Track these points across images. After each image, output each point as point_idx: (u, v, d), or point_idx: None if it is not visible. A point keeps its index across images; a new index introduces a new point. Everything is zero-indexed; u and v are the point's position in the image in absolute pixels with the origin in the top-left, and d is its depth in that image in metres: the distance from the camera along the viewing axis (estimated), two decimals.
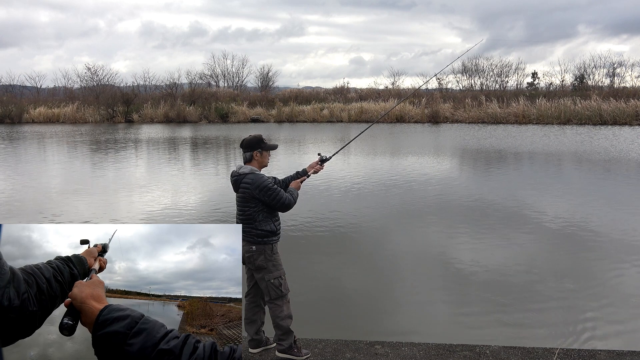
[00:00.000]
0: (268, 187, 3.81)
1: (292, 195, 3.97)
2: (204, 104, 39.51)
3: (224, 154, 19.94)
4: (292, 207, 3.95)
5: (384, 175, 13.32)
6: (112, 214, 9.58)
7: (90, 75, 49.97)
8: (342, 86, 46.01)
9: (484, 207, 9.74)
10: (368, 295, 5.80)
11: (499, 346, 4.18)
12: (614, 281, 6.14)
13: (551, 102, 32.43)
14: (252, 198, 3.83)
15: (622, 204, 10.10)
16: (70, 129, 32.13)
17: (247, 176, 3.87)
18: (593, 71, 45.08)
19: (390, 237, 8.06)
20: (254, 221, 3.84)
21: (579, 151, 18.14)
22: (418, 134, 26.56)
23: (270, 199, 3.81)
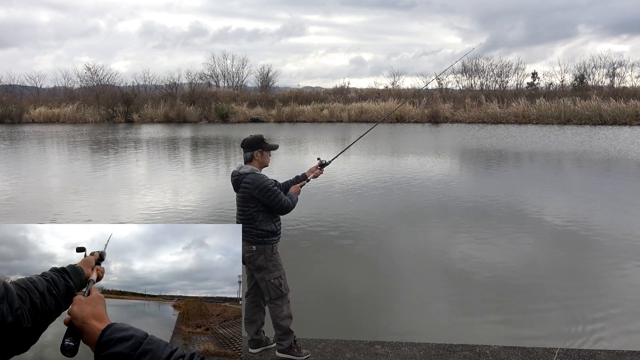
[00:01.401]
0: (268, 187, 3.80)
1: (292, 199, 3.96)
2: (204, 104, 39.50)
3: (224, 154, 19.94)
4: (291, 210, 3.94)
5: (384, 175, 13.32)
6: (112, 214, 9.58)
7: (90, 75, 49.98)
8: (342, 86, 46.01)
9: (484, 207, 9.73)
10: (368, 295, 5.79)
11: (499, 346, 4.18)
12: (614, 281, 6.13)
13: (551, 102, 32.43)
14: (252, 198, 3.82)
15: (622, 204, 10.09)
16: (70, 129, 32.14)
17: (248, 176, 3.86)
18: (593, 71, 45.12)
19: (391, 237, 8.05)
20: (254, 221, 3.84)
21: (578, 151, 18.14)
22: (418, 134, 26.56)
23: (269, 200, 3.80)
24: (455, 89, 46.69)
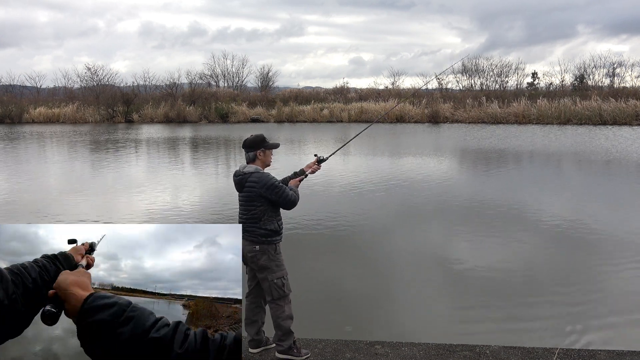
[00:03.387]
0: (275, 184, 3.82)
1: (296, 192, 3.99)
2: (204, 104, 39.48)
3: (224, 154, 19.94)
4: (296, 204, 3.97)
5: (384, 175, 13.33)
6: (111, 214, 9.58)
7: (90, 75, 49.95)
8: (342, 86, 46.03)
9: (484, 207, 9.75)
10: (368, 295, 5.80)
11: (499, 346, 4.19)
12: (614, 281, 6.15)
13: (551, 102, 32.42)
14: (259, 197, 3.83)
15: (622, 203, 10.10)
16: (70, 129, 32.12)
17: (253, 175, 3.87)
18: (593, 71, 45.14)
19: (391, 237, 8.07)
20: (259, 220, 3.84)
21: (579, 151, 18.15)
22: (418, 134, 26.56)
23: (277, 197, 3.82)
24: (455, 89, 46.72)
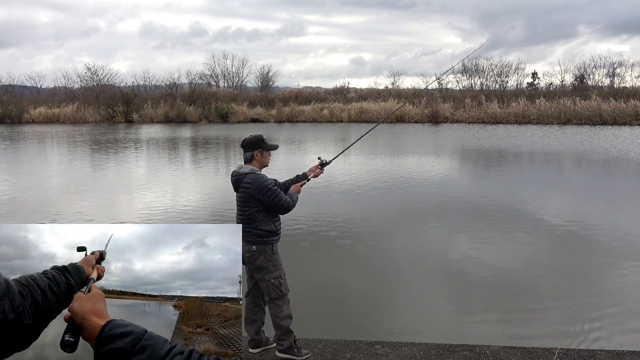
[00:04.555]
0: (268, 187, 3.80)
1: (292, 198, 3.96)
2: (204, 104, 39.49)
3: (224, 154, 19.94)
4: (291, 210, 3.94)
5: (384, 175, 13.32)
6: (112, 214, 9.58)
7: (90, 75, 49.93)
8: (342, 86, 45.98)
9: (484, 207, 9.73)
10: (368, 295, 5.79)
11: (499, 346, 4.18)
12: (614, 281, 6.14)
13: (551, 102, 32.43)
14: (252, 198, 3.82)
15: (622, 203, 10.09)
16: (70, 129, 32.13)
17: (248, 176, 3.86)
18: (593, 71, 45.10)
19: (391, 237, 8.06)
20: (254, 221, 3.84)
21: (578, 151, 18.14)
22: (418, 134, 26.56)
23: (270, 200, 3.80)
24: (455, 89, 46.70)
